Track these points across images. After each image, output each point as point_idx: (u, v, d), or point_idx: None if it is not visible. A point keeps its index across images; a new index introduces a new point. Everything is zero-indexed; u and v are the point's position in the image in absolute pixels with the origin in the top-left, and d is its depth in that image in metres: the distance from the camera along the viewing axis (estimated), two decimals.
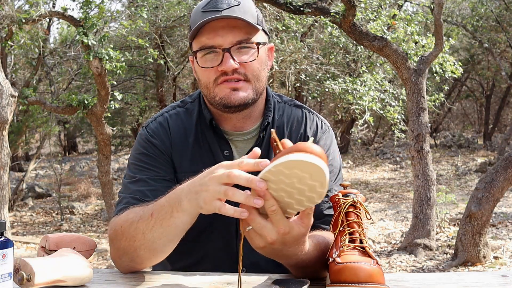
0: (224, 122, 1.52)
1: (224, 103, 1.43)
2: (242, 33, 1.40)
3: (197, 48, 1.43)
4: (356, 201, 1.25)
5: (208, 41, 1.40)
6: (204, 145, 1.51)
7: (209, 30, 1.39)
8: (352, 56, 9.89)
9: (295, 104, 1.61)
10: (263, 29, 1.47)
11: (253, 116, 1.52)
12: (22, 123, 9.91)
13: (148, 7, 7.86)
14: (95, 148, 14.53)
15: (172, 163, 1.50)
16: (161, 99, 11.80)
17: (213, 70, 1.41)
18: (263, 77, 1.46)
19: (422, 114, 6.19)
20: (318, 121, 1.58)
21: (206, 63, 1.42)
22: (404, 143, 15.52)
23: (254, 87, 1.44)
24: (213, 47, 1.40)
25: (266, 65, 1.48)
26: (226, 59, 1.39)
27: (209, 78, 1.43)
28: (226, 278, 1.32)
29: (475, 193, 5.46)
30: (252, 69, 1.42)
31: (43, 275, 1.16)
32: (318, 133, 1.55)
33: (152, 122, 1.56)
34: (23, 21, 6.32)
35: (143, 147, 1.51)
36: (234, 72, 1.40)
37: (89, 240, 1.41)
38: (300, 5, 6.24)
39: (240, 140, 1.53)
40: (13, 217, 9.17)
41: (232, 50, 1.39)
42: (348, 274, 1.10)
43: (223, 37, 1.39)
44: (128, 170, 1.51)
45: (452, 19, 12.39)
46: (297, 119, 1.57)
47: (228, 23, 1.39)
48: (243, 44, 1.40)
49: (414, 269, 5.59)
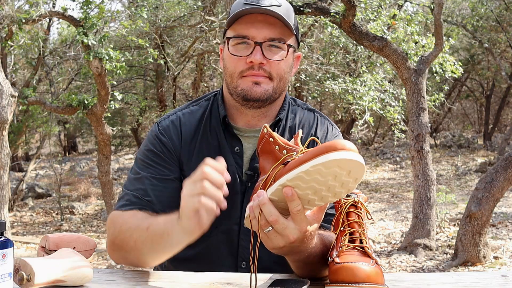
0: (239, 118, 1.54)
1: (245, 94, 1.45)
2: (277, 32, 1.43)
3: (232, 35, 1.46)
4: (357, 201, 1.25)
5: (243, 30, 1.44)
6: (212, 141, 1.53)
7: (247, 20, 1.43)
8: (352, 56, 9.88)
9: (308, 108, 1.64)
10: (296, 36, 1.50)
11: (268, 115, 1.55)
12: (22, 123, 9.91)
13: (148, 7, 7.86)
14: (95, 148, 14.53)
15: (180, 162, 1.52)
16: (161, 99, 11.79)
17: (241, 60, 1.44)
18: (286, 79, 1.49)
19: (422, 114, 6.19)
20: (329, 125, 1.62)
21: (236, 51, 1.45)
22: (404, 143, 15.51)
23: (275, 86, 1.47)
24: (246, 37, 1.43)
25: (291, 69, 1.51)
26: (256, 52, 1.42)
27: (236, 68, 1.45)
28: (226, 278, 1.32)
29: (475, 193, 5.46)
30: (277, 68, 1.45)
31: (43, 275, 1.16)
32: (328, 136, 1.58)
33: (164, 119, 1.58)
34: (23, 21, 6.32)
35: (152, 144, 1.53)
36: (259, 68, 1.43)
37: (89, 240, 1.41)
38: (300, 5, 6.24)
39: (253, 137, 1.54)
40: (13, 217, 9.17)
41: (264, 45, 1.42)
42: (346, 274, 1.10)
43: (258, 30, 1.42)
44: (134, 164, 1.55)
45: (452, 19, 12.39)
46: (309, 122, 1.60)
47: (266, 19, 1.42)
48: (275, 42, 1.44)
49: (414, 269, 5.59)
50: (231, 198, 1.46)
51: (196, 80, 11.23)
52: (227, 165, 1.34)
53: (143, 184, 1.46)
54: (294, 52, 1.52)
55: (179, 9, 8.77)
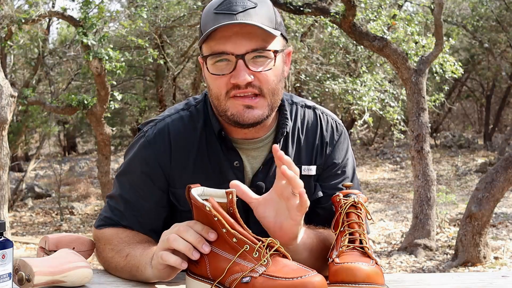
0: (234, 131, 1.39)
1: (236, 120, 1.30)
2: (258, 41, 1.26)
3: (208, 53, 1.29)
4: (357, 202, 1.25)
5: (219, 46, 1.26)
6: (209, 157, 1.39)
7: (221, 34, 1.25)
8: (352, 56, 9.88)
9: (306, 105, 1.50)
10: (282, 33, 1.33)
11: (266, 124, 1.39)
12: (22, 123, 9.91)
13: (148, 7, 7.85)
14: (95, 148, 14.53)
15: (169, 179, 1.40)
16: (161, 99, 11.80)
17: (224, 80, 1.28)
18: (279, 90, 1.33)
19: (422, 114, 6.19)
20: (333, 122, 1.49)
21: (217, 70, 1.29)
22: (404, 143, 15.51)
23: (270, 103, 1.31)
24: (224, 53, 1.26)
25: (282, 75, 1.35)
26: (239, 69, 1.25)
27: (220, 89, 1.29)
28: None
29: (475, 193, 5.46)
30: (268, 81, 1.29)
31: (42, 276, 1.16)
32: (335, 136, 1.48)
33: (151, 128, 1.41)
34: (23, 21, 6.32)
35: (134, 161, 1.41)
36: (247, 86, 1.27)
37: (88, 240, 1.41)
38: (300, 5, 6.24)
39: (252, 149, 1.41)
40: (12, 217, 9.17)
41: (247, 58, 1.26)
42: (346, 275, 1.10)
43: (236, 44, 1.25)
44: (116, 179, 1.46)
45: (452, 19, 12.39)
46: (311, 122, 1.47)
47: (242, 28, 1.25)
48: (259, 52, 1.27)
49: (414, 269, 5.59)
50: None
51: (196, 80, 11.23)
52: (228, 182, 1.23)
53: (120, 206, 1.39)
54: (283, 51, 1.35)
55: (178, 9, 8.77)
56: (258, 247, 1.05)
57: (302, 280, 1.00)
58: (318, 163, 1.44)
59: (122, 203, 1.39)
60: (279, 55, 1.31)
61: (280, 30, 1.31)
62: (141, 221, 1.39)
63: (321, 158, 1.45)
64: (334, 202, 1.28)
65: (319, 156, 1.45)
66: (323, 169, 1.45)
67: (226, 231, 1.07)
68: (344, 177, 1.47)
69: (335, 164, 1.46)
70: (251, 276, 1.03)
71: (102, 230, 1.41)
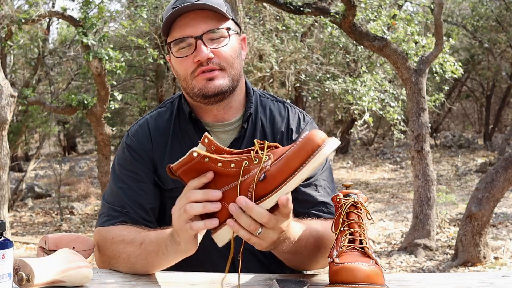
0: (205, 114, 1.54)
1: (202, 93, 1.45)
2: (212, 22, 1.44)
3: (171, 40, 1.46)
4: (357, 201, 1.25)
5: (180, 33, 1.44)
6: (183, 139, 1.54)
7: (180, 23, 1.44)
8: (352, 56, 9.89)
9: (278, 100, 1.63)
10: (233, 20, 1.50)
11: (233, 106, 1.54)
12: (22, 123, 9.90)
13: (148, 7, 7.85)
14: (95, 148, 14.52)
15: (153, 163, 1.53)
16: (161, 99, 11.79)
17: (189, 61, 1.44)
18: (237, 64, 1.48)
19: (422, 114, 6.18)
20: (300, 114, 1.61)
21: (181, 54, 1.46)
22: (404, 143, 15.52)
23: (230, 75, 1.46)
24: (185, 37, 1.43)
25: (239, 53, 1.51)
26: (199, 47, 1.42)
27: (187, 70, 1.45)
28: (226, 278, 1.31)
29: (475, 193, 5.46)
30: (226, 57, 1.44)
31: (42, 276, 1.16)
32: (301, 125, 1.58)
33: (134, 125, 1.60)
34: (23, 21, 6.32)
35: (123, 152, 1.55)
36: (208, 62, 1.43)
37: (88, 240, 1.41)
38: (300, 5, 6.24)
39: (222, 131, 1.54)
40: (12, 217, 9.17)
41: (204, 38, 1.42)
42: (346, 275, 1.10)
43: (194, 27, 1.43)
44: (110, 176, 1.57)
45: (452, 19, 12.39)
46: (280, 113, 1.59)
47: (197, 15, 1.43)
48: (214, 31, 1.43)
49: (414, 269, 5.59)
50: None
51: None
52: None
53: (119, 196, 1.49)
54: (238, 35, 1.52)
55: None
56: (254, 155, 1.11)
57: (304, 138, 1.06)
58: None
59: (121, 192, 1.49)
60: (233, 35, 1.48)
61: (231, 16, 1.49)
62: (142, 202, 1.48)
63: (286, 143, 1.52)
64: (334, 202, 1.29)
65: (285, 142, 1.54)
66: None
67: (222, 163, 1.11)
68: None
69: None
70: (263, 173, 1.08)
71: (108, 227, 1.45)
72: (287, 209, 1.08)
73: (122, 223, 1.44)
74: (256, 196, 1.08)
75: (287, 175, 1.06)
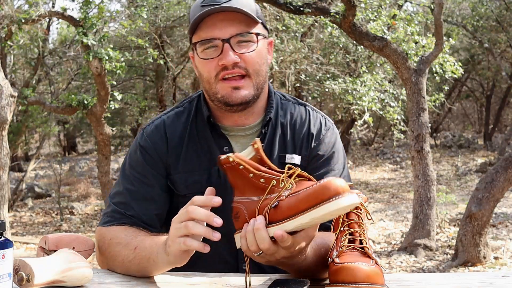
0: (225, 118, 1.50)
1: (226, 101, 1.41)
2: (241, 26, 1.39)
3: (197, 40, 1.42)
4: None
5: (207, 34, 1.39)
6: (200, 142, 1.50)
7: (208, 24, 1.39)
8: (352, 56, 9.88)
9: (298, 102, 1.59)
10: (262, 23, 1.46)
11: (255, 112, 1.50)
12: (22, 123, 9.90)
13: (148, 7, 7.85)
14: (95, 148, 14.52)
15: (167, 166, 1.49)
16: (161, 99, 11.79)
17: (213, 63, 1.40)
18: (263, 71, 1.44)
19: (422, 114, 6.18)
20: (322, 118, 1.57)
21: (206, 55, 1.41)
22: (404, 143, 15.51)
23: (255, 83, 1.43)
24: (212, 38, 1.38)
25: (266, 59, 1.47)
26: (226, 51, 1.37)
27: (210, 73, 1.41)
28: (226, 279, 1.32)
29: (475, 193, 5.46)
30: (252, 63, 1.41)
31: (42, 276, 1.16)
32: (322, 131, 1.54)
33: (149, 124, 1.55)
34: (23, 21, 6.31)
35: (135, 153, 1.51)
36: (234, 67, 1.39)
37: (88, 240, 1.41)
38: (300, 5, 6.23)
39: (241, 136, 1.51)
40: (12, 217, 9.17)
41: (232, 42, 1.38)
42: (346, 275, 1.10)
43: (222, 30, 1.38)
44: (119, 174, 1.54)
45: (452, 19, 12.38)
46: (301, 116, 1.55)
47: (226, 16, 1.38)
48: (243, 35, 1.39)
49: (414, 269, 5.59)
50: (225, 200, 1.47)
51: (196, 80, 11.23)
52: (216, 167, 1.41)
53: (125, 198, 1.46)
54: (266, 39, 1.48)
55: (178, 9, 8.77)
56: (283, 177, 1.10)
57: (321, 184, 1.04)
58: (303, 154, 1.51)
59: (128, 194, 1.46)
60: (261, 40, 1.43)
61: (261, 19, 1.44)
62: (147, 207, 1.45)
63: (306, 150, 1.51)
64: None
65: (304, 147, 1.52)
66: (308, 161, 1.51)
67: (253, 175, 1.13)
68: (328, 169, 1.51)
69: (319, 156, 1.51)
70: (278, 200, 1.08)
71: (108, 227, 1.43)
72: (283, 244, 1.08)
73: (122, 224, 1.43)
74: (268, 219, 1.09)
75: (292, 213, 1.05)
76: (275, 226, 1.08)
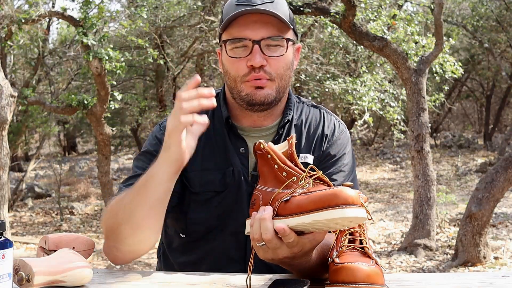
0: (244, 118, 1.53)
1: (248, 99, 1.44)
2: (274, 29, 1.41)
3: (228, 38, 1.43)
4: None
5: (239, 33, 1.41)
6: (217, 142, 1.52)
7: (241, 23, 1.40)
8: (352, 56, 9.88)
9: (313, 105, 1.63)
10: (294, 29, 1.48)
11: (274, 113, 1.53)
12: (22, 123, 9.90)
13: (148, 7, 7.85)
14: (95, 148, 14.52)
15: None
16: (161, 99, 11.79)
17: (242, 63, 1.42)
18: (287, 76, 1.47)
19: (422, 114, 6.18)
20: (336, 121, 1.61)
21: (235, 54, 1.43)
22: (404, 143, 15.51)
23: (277, 86, 1.45)
24: (243, 38, 1.40)
25: (292, 64, 1.49)
26: (255, 52, 1.39)
27: (238, 72, 1.43)
28: (226, 278, 1.32)
29: (475, 193, 5.46)
30: (278, 67, 1.43)
31: (42, 276, 1.16)
32: (336, 133, 1.57)
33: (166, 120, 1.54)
34: (23, 21, 6.31)
35: (150, 145, 1.53)
36: (260, 70, 1.41)
37: (88, 240, 1.41)
38: (300, 5, 6.23)
39: (258, 136, 1.53)
40: (12, 217, 9.16)
41: (262, 44, 1.40)
42: (346, 275, 1.10)
43: (254, 31, 1.40)
44: (133, 164, 1.55)
45: (452, 19, 12.38)
46: (315, 118, 1.59)
47: (260, 18, 1.40)
48: (273, 39, 1.41)
49: (414, 269, 5.59)
50: (237, 200, 1.47)
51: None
52: (233, 167, 1.48)
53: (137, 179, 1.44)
54: (294, 45, 1.50)
55: (178, 9, 8.76)
56: (303, 176, 1.14)
57: (334, 190, 1.06)
58: (316, 154, 1.53)
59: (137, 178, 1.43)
60: (290, 46, 1.45)
61: (293, 25, 1.47)
62: None
63: (319, 150, 1.54)
64: None
65: (317, 148, 1.54)
66: (320, 161, 1.53)
67: (278, 167, 1.17)
68: (338, 168, 1.53)
69: (330, 156, 1.54)
70: (291, 195, 1.12)
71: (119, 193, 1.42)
72: (286, 239, 1.10)
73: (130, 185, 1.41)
74: (278, 212, 1.12)
75: (299, 211, 1.08)
76: (279, 220, 1.10)
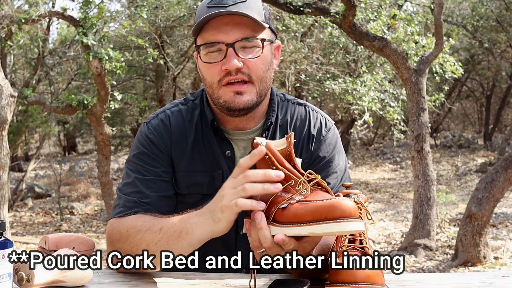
0: (227, 122, 1.49)
1: (228, 106, 1.40)
2: (247, 30, 1.37)
3: (201, 43, 1.40)
4: (357, 202, 1.25)
5: (211, 37, 1.37)
6: (204, 145, 1.49)
7: (213, 26, 1.36)
8: (352, 56, 9.88)
9: (298, 102, 1.58)
10: (270, 27, 1.43)
11: (256, 116, 1.49)
12: (22, 123, 9.90)
13: (148, 7, 7.85)
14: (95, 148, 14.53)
15: (172, 160, 1.48)
16: (161, 99, 11.79)
17: (217, 68, 1.38)
18: (267, 78, 1.43)
19: (422, 114, 6.18)
20: (322, 118, 1.56)
21: (209, 59, 1.39)
22: (404, 143, 15.51)
23: (258, 90, 1.41)
24: (216, 42, 1.36)
25: (271, 64, 1.45)
26: (229, 56, 1.35)
27: (213, 77, 1.39)
28: (226, 278, 1.31)
29: (475, 193, 5.46)
30: (256, 69, 1.38)
31: (42, 276, 1.16)
32: (322, 132, 1.53)
33: (153, 118, 1.53)
34: (23, 21, 6.31)
35: (142, 145, 1.49)
36: (237, 72, 1.37)
37: (88, 240, 1.41)
38: (300, 5, 6.23)
39: (242, 140, 1.50)
40: (12, 217, 9.17)
41: (236, 46, 1.36)
42: (346, 275, 1.10)
43: (227, 34, 1.35)
44: (126, 168, 1.50)
45: (452, 19, 12.38)
46: (301, 117, 1.54)
47: (232, 20, 1.36)
48: (247, 41, 1.36)
49: (414, 269, 5.59)
50: None
51: (196, 80, 11.23)
52: (222, 170, 1.46)
53: (137, 187, 1.43)
54: (272, 43, 1.45)
55: (178, 9, 8.76)
56: (302, 181, 1.11)
57: (332, 201, 1.04)
58: (304, 157, 1.49)
59: (139, 182, 1.43)
60: (267, 45, 1.41)
61: (268, 23, 1.41)
62: (161, 191, 1.44)
63: (307, 152, 1.50)
64: None
65: (305, 149, 1.50)
66: (310, 164, 1.49)
67: (276, 168, 1.13)
68: (331, 171, 1.50)
69: (320, 158, 1.50)
70: (289, 202, 1.09)
71: (122, 218, 1.38)
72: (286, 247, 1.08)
73: (135, 213, 1.38)
74: (274, 217, 1.10)
75: (295, 221, 1.06)
76: (277, 227, 1.08)
